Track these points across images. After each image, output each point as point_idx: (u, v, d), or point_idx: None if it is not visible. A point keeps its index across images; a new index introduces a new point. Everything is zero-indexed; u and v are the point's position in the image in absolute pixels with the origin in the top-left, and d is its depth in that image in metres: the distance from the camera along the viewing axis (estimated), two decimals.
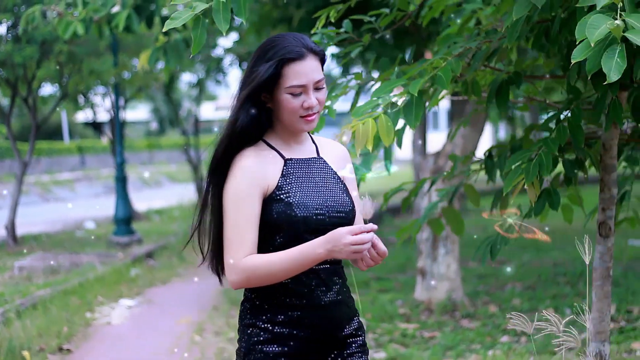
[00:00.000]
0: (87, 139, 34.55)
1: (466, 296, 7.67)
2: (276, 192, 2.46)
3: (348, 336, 2.58)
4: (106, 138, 16.01)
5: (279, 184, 2.47)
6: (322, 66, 2.51)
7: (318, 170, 2.56)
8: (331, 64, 13.00)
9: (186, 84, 20.74)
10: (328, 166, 2.59)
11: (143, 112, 39.50)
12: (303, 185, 2.50)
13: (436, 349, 6.13)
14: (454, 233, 4.18)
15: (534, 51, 4.04)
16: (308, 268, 2.43)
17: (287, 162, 2.52)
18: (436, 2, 3.82)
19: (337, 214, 2.50)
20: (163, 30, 2.92)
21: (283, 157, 2.52)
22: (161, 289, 9.20)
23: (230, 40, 16.65)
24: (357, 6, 3.95)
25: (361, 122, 3.08)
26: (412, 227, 4.20)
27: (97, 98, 15.63)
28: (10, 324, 6.63)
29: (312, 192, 2.50)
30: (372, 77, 3.73)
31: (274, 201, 2.46)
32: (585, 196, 4.09)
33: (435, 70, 3.23)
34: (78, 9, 5.79)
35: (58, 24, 5.84)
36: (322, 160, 2.59)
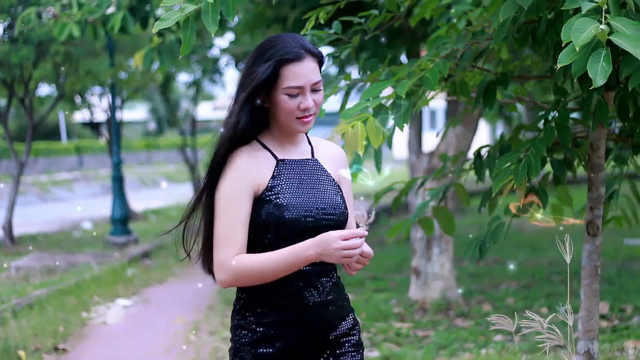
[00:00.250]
0: (85, 139, 34.52)
1: (460, 295, 7.71)
2: (266, 193, 2.46)
3: (341, 335, 2.57)
4: (104, 138, 16.01)
5: (269, 185, 2.47)
6: (320, 68, 2.51)
7: (311, 171, 2.55)
8: (326, 64, 13.02)
9: (183, 84, 20.75)
10: (322, 167, 2.58)
11: (141, 112, 39.46)
12: (294, 186, 2.50)
13: (430, 348, 6.16)
14: (445, 232, 4.21)
15: (530, 50, 4.07)
16: (297, 269, 2.43)
17: (279, 163, 2.52)
18: (424, 4, 3.85)
19: (328, 216, 2.49)
20: (153, 31, 2.94)
21: (276, 158, 2.52)
22: (157, 289, 9.22)
23: (226, 40, 16.69)
24: (347, 7, 3.97)
25: (350, 125, 3.10)
26: (403, 227, 4.23)
27: (94, 98, 15.67)
28: (6, 324, 6.66)
29: (303, 194, 2.49)
30: (362, 78, 3.76)
31: (264, 202, 2.46)
32: (574, 196, 4.12)
33: (423, 71, 3.26)
34: (73, 11, 5.82)
35: (54, 26, 5.87)
36: (317, 161, 2.58)
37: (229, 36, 14.10)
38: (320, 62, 2.51)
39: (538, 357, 5.59)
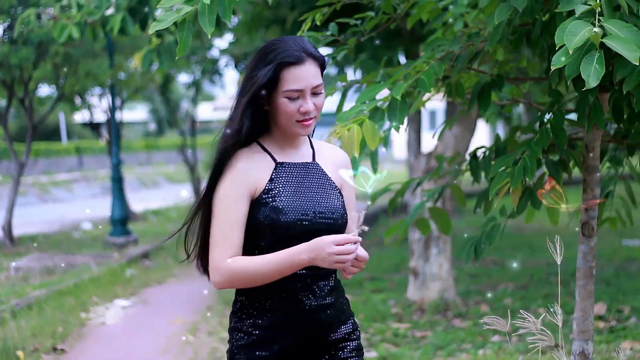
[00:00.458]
0: (85, 140, 34.57)
1: (458, 296, 7.73)
2: (263, 196, 2.46)
3: (340, 340, 2.56)
4: (104, 139, 16.03)
5: (267, 188, 2.47)
6: (322, 72, 2.50)
7: (311, 175, 2.54)
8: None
9: (183, 85, 20.79)
10: (323, 171, 2.57)
11: (141, 113, 39.48)
12: (291, 189, 2.49)
13: (427, 349, 6.18)
14: (441, 232, 4.23)
15: (529, 51, 4.08)
16: (291, 273, 2.42)
17: (278, 166, 2.51)
18: (420, 7, 3.87)
19: (325, 220, 2.48)
20: (149, 32, 2.95)
21: (275, 161, 2.52)
22: (156, 290, 9.24)
23: (225, 41, 16.71)
24: (343, 9, 3.99)
25: (346, 128, 3.12)
26: (400, 228, 4.24)
27: (94, 99, 15.68)
28: (4, 324, 6.68)
29: (300, 197, 2.48)
30: (358, 80, 3.77)
31: (261, 204, 2.46)
32: (570, 197, 4.13)
33: (418, 73, 3.28)
34: (73, 12, 5.83)
35: (53, 28, 5.88)
36: (317, 165, 2.57)
37: (229, 37, 14.13)
38: (322, 66, 2.50)
39: (534, 358, 5.61)
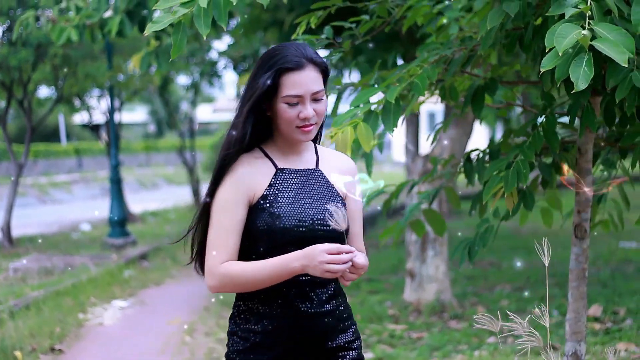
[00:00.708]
0: (84, 141, 34.60)
1: (454, 297, 7.75)
2: (261, 202, 2.46)
3: (338, 348, 2.54)
4: (103, 140, 16.06)
5: (265, 193, 2.47)
6: (326, 78, 2.50)
7: (312, 181, 2.53)
8: None
9: (182, 87, 20.82)
10: (325, 178, 2.56)
11: (141, 114, 39.53)
12: (290, 196, 2.48)
13: (423, 350, 6.21)
14: (436, 234, 4.26)
15: (524, 54, 4.11)
16: (284, 280, 2.41)
17: (278, 172, 2.51)
18: (414, 11, 3.90)
19: (324, 227, 2.46)
20: (144, 34, 2.97)
21: (275, 166, 2.51)
22: (154, 290, 9.26)
23: (224, 43, 16.75)
24: (338, 12, 4.02)
25: (340, 131, 3.15)
26: (395, 230, 4.27)
27: (93, 100, 15.71)
28: (3, 325, 6.71)
29: (300, 204, 2.47)
30: (352, 83, 3.80)
31: (258, 210, 2.46)
32: (563, 199, 4.17)
33: (412, 77, 3.31)
34: (71, 15, 5.86)
35: (52, 30, 5.90)
36: (320, 172, 2.56)
37: (227, 39, 14.16)
38: (323, 72, 2.49)
39: (531, 359, 5.64)
